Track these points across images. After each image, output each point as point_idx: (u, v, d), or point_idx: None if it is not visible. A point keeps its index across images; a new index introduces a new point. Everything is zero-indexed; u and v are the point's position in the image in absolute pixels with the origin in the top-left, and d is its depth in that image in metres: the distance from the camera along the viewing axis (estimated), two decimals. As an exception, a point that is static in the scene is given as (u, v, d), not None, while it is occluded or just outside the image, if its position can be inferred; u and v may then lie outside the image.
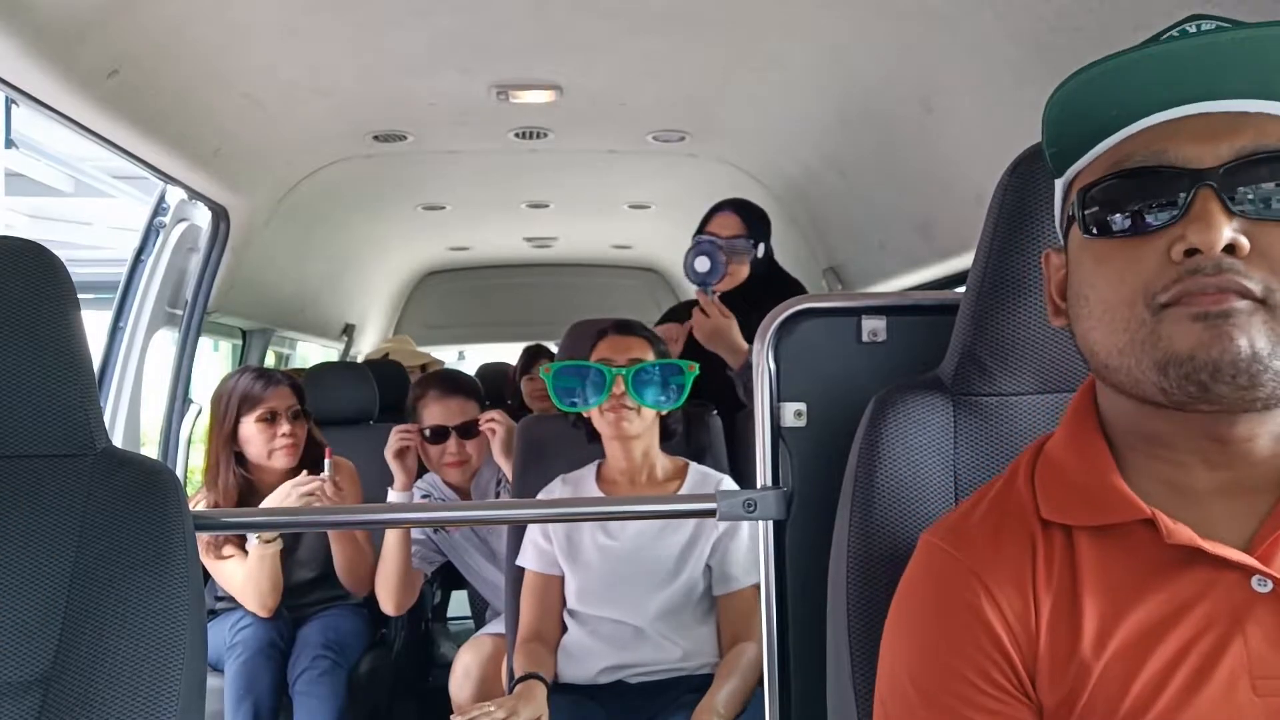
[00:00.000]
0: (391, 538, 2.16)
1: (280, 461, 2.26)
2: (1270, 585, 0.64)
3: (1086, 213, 0.67)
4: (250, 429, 2.25)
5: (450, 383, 2.31)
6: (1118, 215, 0.65)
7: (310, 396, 2.47)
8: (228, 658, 2.18)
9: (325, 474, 2.15)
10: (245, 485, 2.27)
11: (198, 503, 2.28)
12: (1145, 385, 0.64)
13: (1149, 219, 0.64)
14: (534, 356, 3.66)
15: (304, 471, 2.20)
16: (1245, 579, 0.64)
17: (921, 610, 0.74)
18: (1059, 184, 0.74)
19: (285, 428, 2.25)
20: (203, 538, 2.11)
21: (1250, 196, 0.62)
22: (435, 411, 2.24)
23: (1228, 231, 0.61)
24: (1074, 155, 0.70)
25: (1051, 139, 0.71)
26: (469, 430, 2.25)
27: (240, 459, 2.27)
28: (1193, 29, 0.65)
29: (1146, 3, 1.24)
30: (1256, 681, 0.63)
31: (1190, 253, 0.61)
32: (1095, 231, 0.67)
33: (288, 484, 2.13)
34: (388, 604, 2.21)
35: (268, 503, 2.15)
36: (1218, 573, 0.65)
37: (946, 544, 0.74)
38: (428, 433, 2.23)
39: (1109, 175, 0.66)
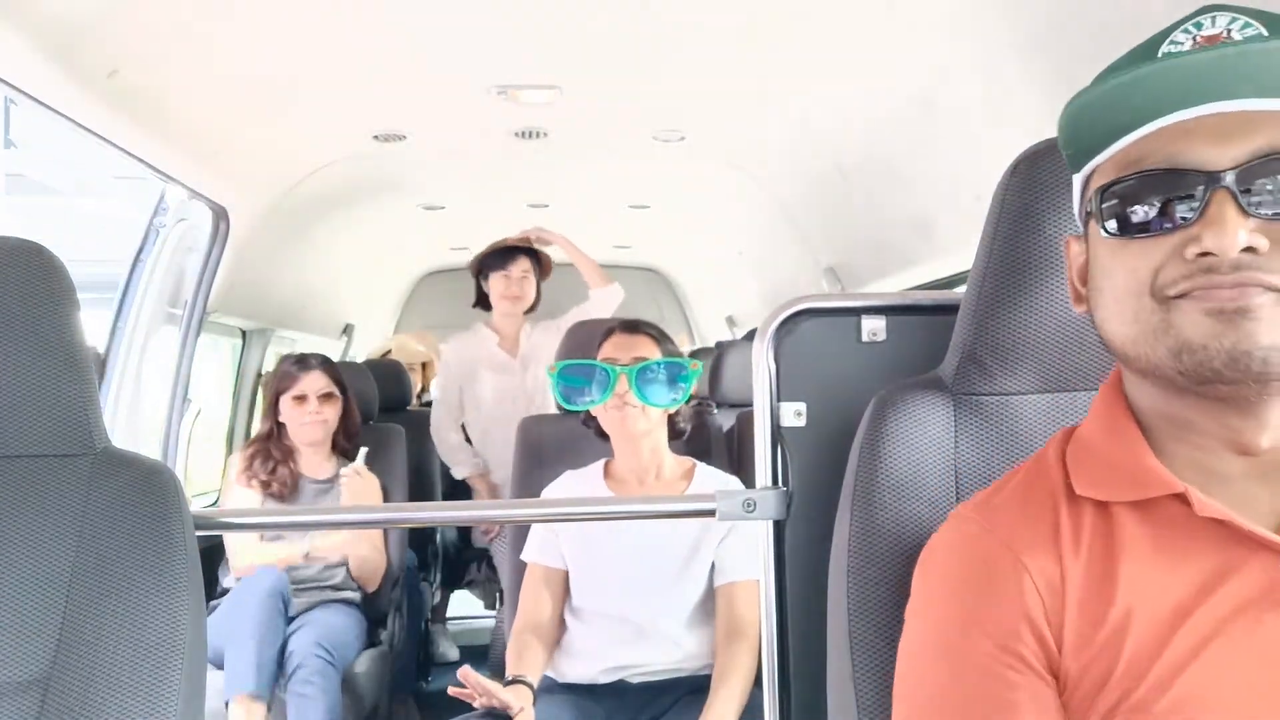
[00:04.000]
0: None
1: (307, 435, 2.59)
2: None
3: (1104, 208, 0.68)
4: (286, 406, 2.59)
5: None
6: (1134, 214, 0.66)
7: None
8: (228, 601, 2.30)
9: (354, 466, 2.58)
10: (285, 453, 2.61)
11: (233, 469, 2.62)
12: (1164, 369, 0.66)
13: (1165, 219, 0.64)
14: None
15: (333, 451, 2.65)
16: (1276, 559, 0.65)
17: (949, 581, 0.74)
18: (1076, 178, 0.75)
19: (313, 406, 2.58)
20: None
21: (1266, 197, 0.62)
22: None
23: (1243, 235, 0.61)
24: (1090, 154, 0.71)
25: (1067, 142, 0.72)
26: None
27: (282, 429, 2.62)
28: (1207, 21, 0.65)
29: (1147, 1, 1.24)
30: None
31: (1203, 254, 0.62)
32: (1111, 230, 0.68)
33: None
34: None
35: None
36: (1249, 552, 0.66)
37: (976, 515, 0.75)
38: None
39: (1126, 176, 0.67)
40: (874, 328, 1.12)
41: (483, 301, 3.26)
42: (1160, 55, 0.66)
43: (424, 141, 2.68)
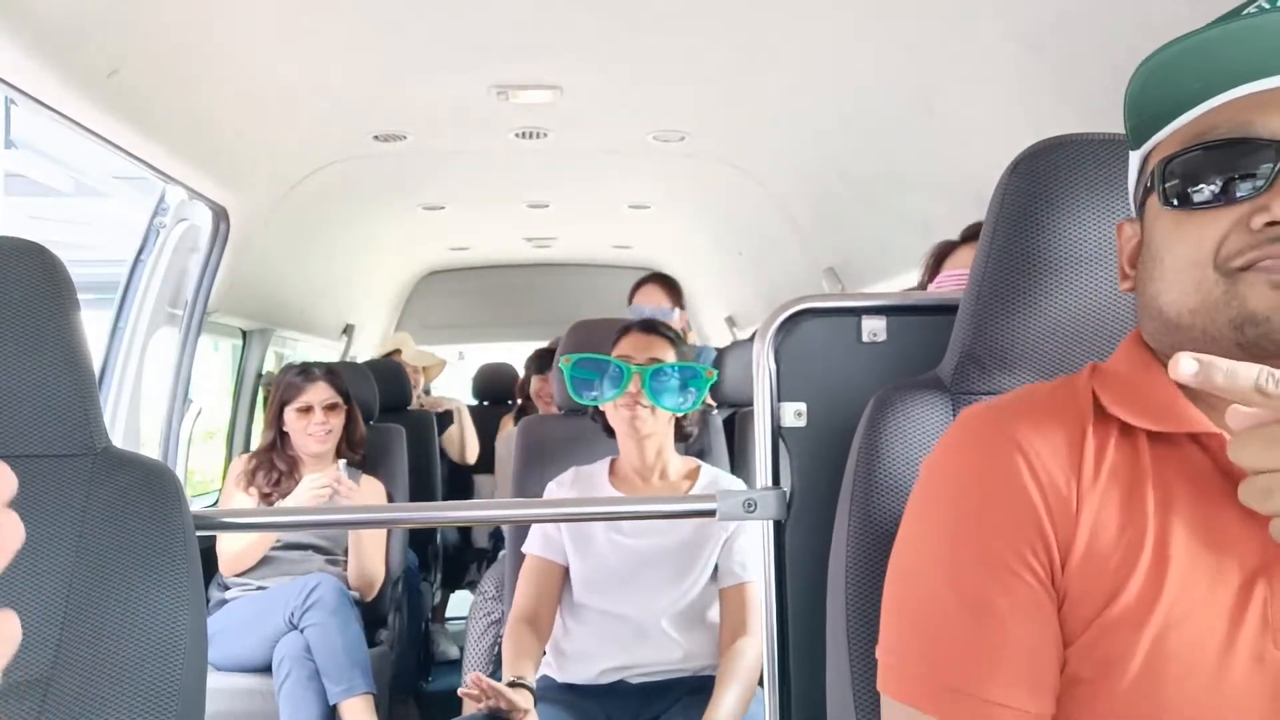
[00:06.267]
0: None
1: (312, 447, 2.55)
2: None
3: (1167, 184, 0.66)
4: (290, 417, 2.57)
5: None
6: (1199, 186, 0.64)
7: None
8: (304, 620, 2.28)
9: (338, 476, 2.43)
10: (290, 464, 2.58)
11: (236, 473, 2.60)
12: (1222, 341, 0.63)
13: (1232, 190, 0.63)
14: (549, 355, 3.66)
15: (336, 460, 2.57)
16: None
17: (956, 478, 0.71)
18: (1135, 156, 0.73)
19: (319, 418, 2.56)
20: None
21: None
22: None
23: None
24: (1153, 128, 0.69)
25: (1131, 112, 0.70)
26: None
27: (285, 439, 2.60)
28: None
29: (1147, 1, 1.24)
30: (1278, 635, 0.61)
31: (1272, 224, 0.60)
32: (1175, 202, 0.66)
33: (306, 480, 2.42)
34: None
35: (291, 499, 2.41)
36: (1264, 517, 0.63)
37: (988, 415, 0.72)
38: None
39: (1192, 146, 0.65)
40: (874, 328, 1.12)
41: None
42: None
43: (424, 141, 2.69)
